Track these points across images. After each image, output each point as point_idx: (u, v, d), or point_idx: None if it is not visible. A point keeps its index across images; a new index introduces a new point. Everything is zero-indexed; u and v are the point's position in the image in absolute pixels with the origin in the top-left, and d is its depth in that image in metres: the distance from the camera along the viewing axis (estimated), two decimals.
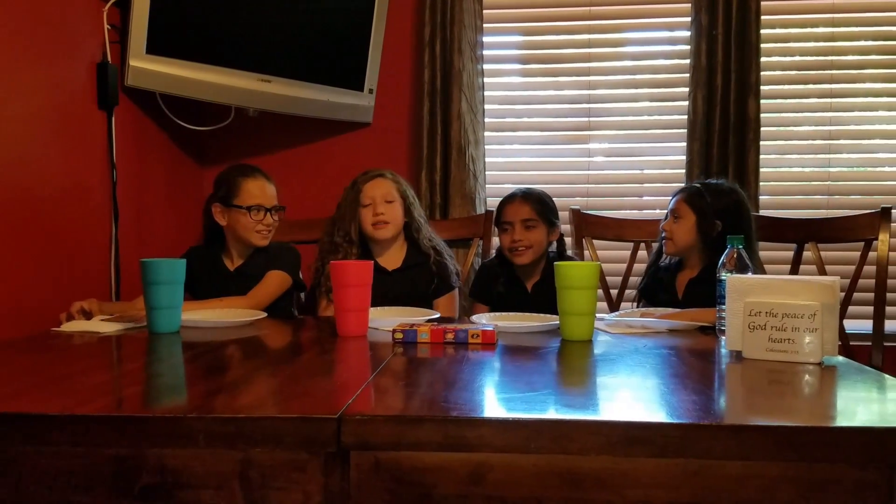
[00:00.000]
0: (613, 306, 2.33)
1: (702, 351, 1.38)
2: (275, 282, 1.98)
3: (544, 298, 2.03)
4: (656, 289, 2.04)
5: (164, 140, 2.49)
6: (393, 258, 2.15)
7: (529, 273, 2.12)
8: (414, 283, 2.11)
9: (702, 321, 1.63)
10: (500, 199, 2.18)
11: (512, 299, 2.09)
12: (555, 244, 2.15)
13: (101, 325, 1.63)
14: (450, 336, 1.41)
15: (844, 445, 0.83)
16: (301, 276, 2.12)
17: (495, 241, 2.55)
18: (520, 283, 2.12)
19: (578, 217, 2.40)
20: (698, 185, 1.98)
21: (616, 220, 2.43)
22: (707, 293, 1.81)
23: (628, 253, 2.36)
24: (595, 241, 2.41)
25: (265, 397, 0.99)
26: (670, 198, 2.02)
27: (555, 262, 1.51)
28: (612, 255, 2.50)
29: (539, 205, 2.08)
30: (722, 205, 1.92)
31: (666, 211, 2.03)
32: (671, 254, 1.99)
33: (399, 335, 1.43)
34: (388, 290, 1.95)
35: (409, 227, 2.17)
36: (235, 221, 2.01)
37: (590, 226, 2.41)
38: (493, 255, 2.27)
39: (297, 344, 1.53)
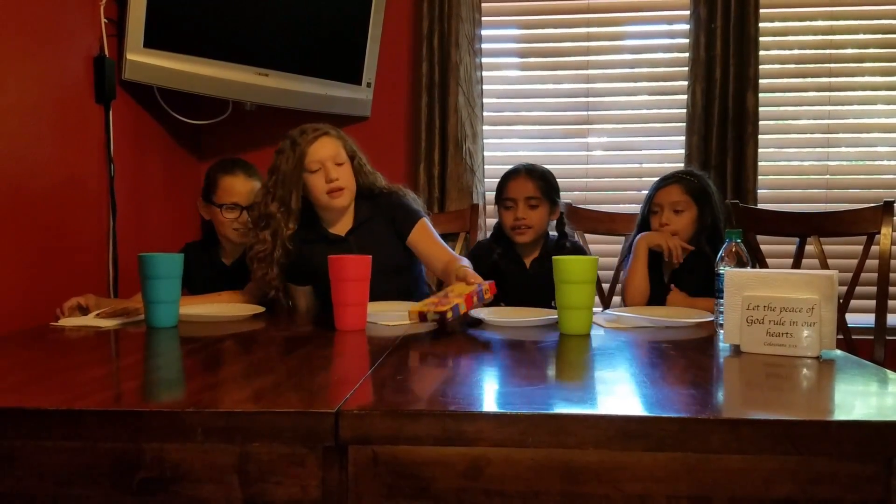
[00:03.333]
0: (605, 300, 2.33)
1: (699, 345, 1.38)
2: None
3: (543, 275, 1.89)
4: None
5: (162, 134, 2.48)
6: (344, 221, 1.91)
7: (528, 250, 2.07)
8: (373, 239, 1.87)
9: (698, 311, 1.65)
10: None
11: (511, 276, 2.01)
12: (555, 223, 2.09)
13: (99, 320, 1.63)
14: (475, 299, 1.52)
15: (842, 439, 0.83)
16: None
17: (482, 235, 2.54)
18: (518, 260, 2.06)
19: (571, 211, 2.40)
20: (690, 176, 1.98)
21: (608, 214, 2.43)
22: (686, 282, 1.88)
23: (619, 247, 2.35)
24: (588, 236, 2.41)
25: (263, 392, 0.99)
26: (652, 191, 2.00)
27: (553, 256, 1.49)
28: (604, 249, 2.49)
29: (543, 182, 2.02)
30: (710, 192, 1.97)
31: (646, 206, 2.01)
32: None
33: (449, 314, 1.41)
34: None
35: (362, 186, 1.92)
36: (214, 218, 2.01)
37: (582, 220, 2.40)
38: (489, 234, 2.17)
39: (295, 338, 1.53)
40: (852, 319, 2.18)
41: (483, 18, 2.62)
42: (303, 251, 1.86)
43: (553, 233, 2.11)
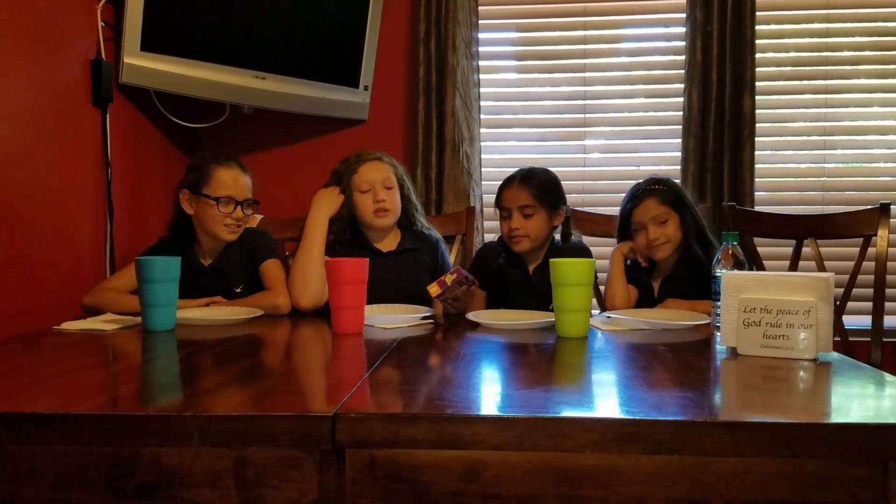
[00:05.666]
0: (602, 302, 2.32)
1: (696, 347, 1.39)
2: (280, 270, 1.92)
3: (546, 281, 1.91)
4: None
5: (159, 137, 2.48)
6: (388, 241, 2.04)
7: (532, 256, 2.04)
8: (410, 266, 2.01)
9: (696, 313, 1.65)
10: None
11: (514, 281, 2.02)
12: (560, 227, 2.05)
13: (100, 323, 1.62)
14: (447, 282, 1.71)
15: (838, 442, 0.83)
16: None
17: (479, 238, 2.54)
18: (522, 266, 2.04)
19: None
20: (659, 185, 1.94)
21: (605, 216, 2.43)
22: (679, 289, 1.88)
23: None
24: (585, 238, 2.40)
25: (260, 395, 0.99)
26: (626, 209, 1.97)
27: (550, 259, 1.50)
28: (601, 251, 2.49)
29: (539, 189, 1.97)
30: (683, 195, 1.96)
31: (624, 223, 1.98)
32: (667, 255, 1.93)
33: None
34: (385, 274, 1.87)
35: (405, 214, 2.06)
36: (202, 212, 1.87)
37: (579, 222, 2.40)
38: (485, 236, 2.20)
39: (293, 342, 1.53)
40: (849, 321, 2.19)
41: (480, 22, 2.62)
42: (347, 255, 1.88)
43: (558, 237, 2.07)
